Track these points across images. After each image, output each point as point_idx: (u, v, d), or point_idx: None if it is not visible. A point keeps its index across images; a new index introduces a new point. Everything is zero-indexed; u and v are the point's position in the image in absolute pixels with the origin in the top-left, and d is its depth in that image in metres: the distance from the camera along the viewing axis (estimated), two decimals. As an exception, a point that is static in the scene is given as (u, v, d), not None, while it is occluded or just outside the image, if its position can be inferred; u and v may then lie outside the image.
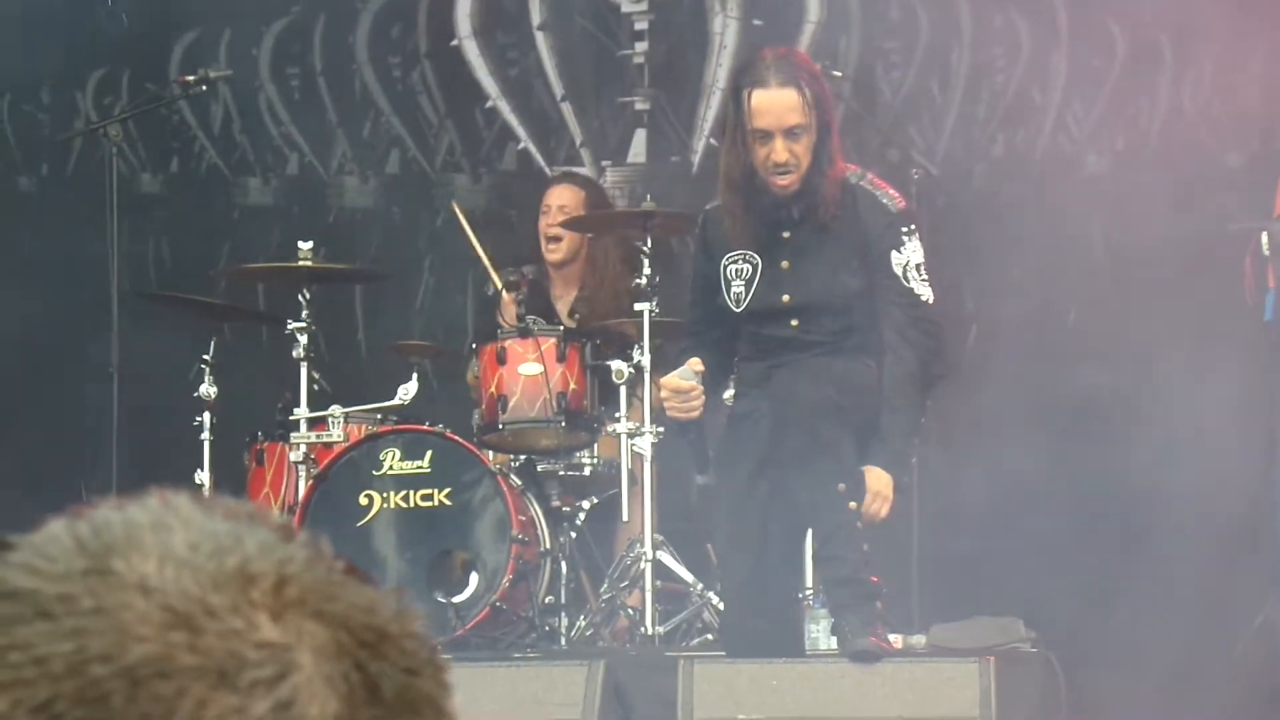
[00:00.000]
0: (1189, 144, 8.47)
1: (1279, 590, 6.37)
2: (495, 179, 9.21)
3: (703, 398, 6.02)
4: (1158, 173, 8.27)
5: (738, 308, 6.08)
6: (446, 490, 7.07)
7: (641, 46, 9.03)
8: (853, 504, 5.87)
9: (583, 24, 9.12)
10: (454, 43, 9.16)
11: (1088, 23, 8.58)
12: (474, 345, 7.43)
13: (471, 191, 9.22)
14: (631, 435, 6.95)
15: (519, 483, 7.22)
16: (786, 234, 6.02)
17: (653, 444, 6.94)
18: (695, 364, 6.05)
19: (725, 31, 8.94)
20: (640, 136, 9.03)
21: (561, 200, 7.80)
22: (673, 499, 7.51)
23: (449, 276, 9.07)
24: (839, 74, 7.55)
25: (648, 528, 6.87)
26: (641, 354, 6.88)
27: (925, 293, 5.96)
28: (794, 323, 6.02)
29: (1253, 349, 6.90)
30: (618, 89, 9.07)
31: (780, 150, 5.91)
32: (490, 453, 7.21)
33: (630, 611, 7.05)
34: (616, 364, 6.98)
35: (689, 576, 7.17)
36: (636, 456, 6.97)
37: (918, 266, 5.96)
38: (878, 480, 5.90)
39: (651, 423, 6.91)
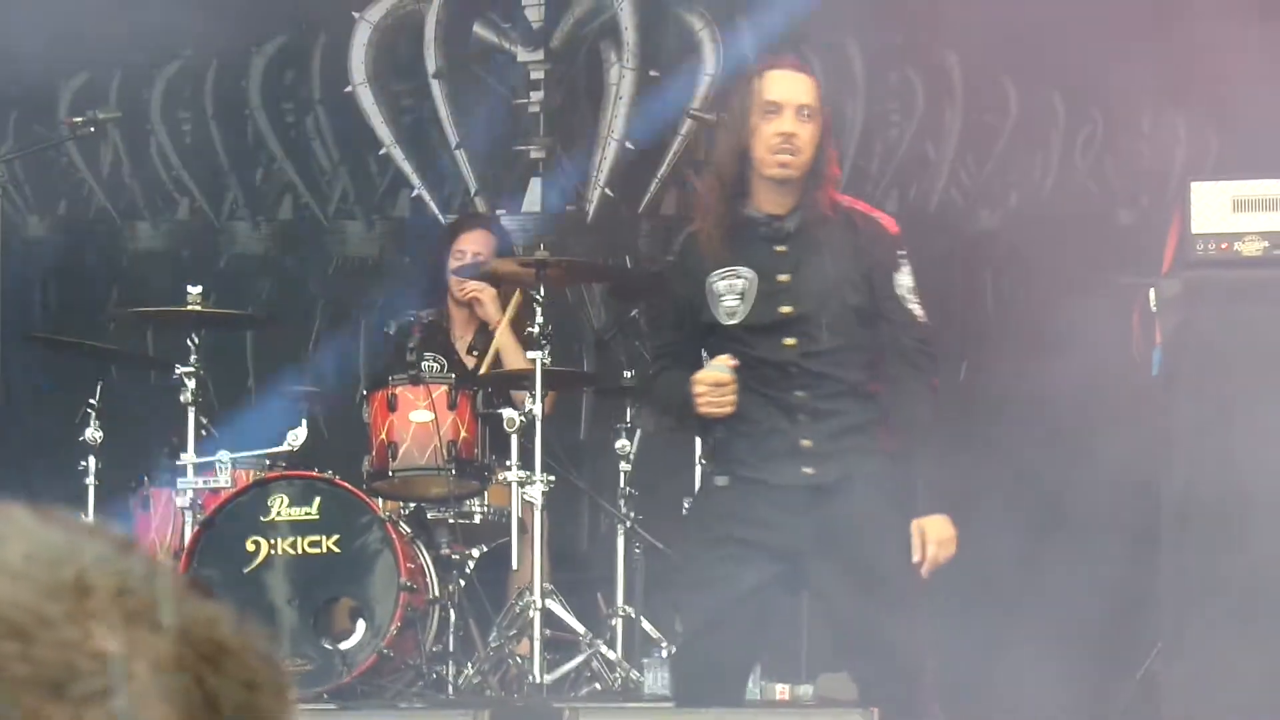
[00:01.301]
0: (1080, 200, 8.55)
1: (1162, 643, 6.40)
2: (388, 226, 9.17)
3: (736, 393, 5.60)
4: (1049, 228, 8.33)
5: (730, 320, 5.66)
6: (335, 537, 7.02)
7: (537, 96, 9.02)
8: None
9: (478, 72, 9.11)
10: (348, 89, 9.13)
11: (982, 79, 8.65)
12: (365, 392, 7.39)
13: (365, 239, 9.18)
14: (522, 484, 6.92)
15: (408, 530, 7.17)
16: (780, 248, 5.68)
17: (543, 493, 6.92)
18: (726, 359, 5.62)
19: (621, 82, 8.95)
20: (535, 185, 9.02)
21: (476, 246, 7.79)
22: (563, 548, 7.47)
23: (340, 323, 9.02)
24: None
25: (537, 576, 6.84)
26: (533, 402, 6.85)
27: (923, 316, 5.77)
28: (789, 341, 5.63)
29: (1140, 404, 6.94)
30: (513, 138, 9.06)
31: (789, 121, 5.63)
32: (380, 500, 7.16)
33: (518, 660, 7.01)
34: (508, 412, 6.96)
35: (578, 626, 7.14)
36: (527, 505, 6.94)
37: (912, 290, 5.76)
38: (941, 529, 5.73)
39: (543, 471, 6.89)
